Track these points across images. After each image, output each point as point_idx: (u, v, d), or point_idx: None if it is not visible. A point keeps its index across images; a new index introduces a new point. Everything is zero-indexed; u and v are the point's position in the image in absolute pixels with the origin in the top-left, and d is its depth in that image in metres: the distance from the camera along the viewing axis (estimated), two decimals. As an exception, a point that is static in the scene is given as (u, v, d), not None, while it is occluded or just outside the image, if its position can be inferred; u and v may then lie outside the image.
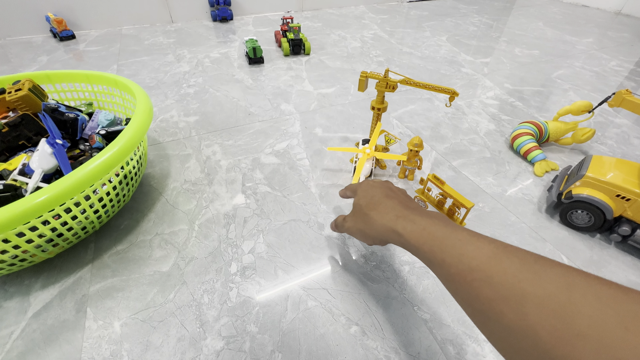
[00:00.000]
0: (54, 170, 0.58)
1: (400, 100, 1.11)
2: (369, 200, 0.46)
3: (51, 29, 1.64)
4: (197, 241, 0.61)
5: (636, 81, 1.28)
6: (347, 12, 2.19)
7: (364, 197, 0.47)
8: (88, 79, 0.80)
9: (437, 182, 0.64)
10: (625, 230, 0.59)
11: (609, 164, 0.63)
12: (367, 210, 0.45)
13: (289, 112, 1.02)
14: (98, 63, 1.37)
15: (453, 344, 0.47)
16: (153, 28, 1.82)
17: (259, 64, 1.36)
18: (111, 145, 0.53)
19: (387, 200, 0.44)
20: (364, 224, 0.45)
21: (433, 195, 0.68)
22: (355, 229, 0.47)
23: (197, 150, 0.85)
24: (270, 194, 0.72)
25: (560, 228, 0.65)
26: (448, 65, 1.40)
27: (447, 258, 0.32)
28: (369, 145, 0.71)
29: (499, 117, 1.02)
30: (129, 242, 0.61)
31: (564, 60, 1.45)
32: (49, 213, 0.46)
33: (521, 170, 0.80)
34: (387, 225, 0.40)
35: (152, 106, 0.66)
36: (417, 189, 0.73)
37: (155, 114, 1.00)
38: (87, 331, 0.48)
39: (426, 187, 0.70)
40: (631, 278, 0.57)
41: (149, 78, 1.23)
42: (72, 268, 0.57)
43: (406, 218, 0.39)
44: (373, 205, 0.44)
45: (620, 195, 0.58)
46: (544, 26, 1.94)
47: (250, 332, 0.48)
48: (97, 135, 0.66)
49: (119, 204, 0.61)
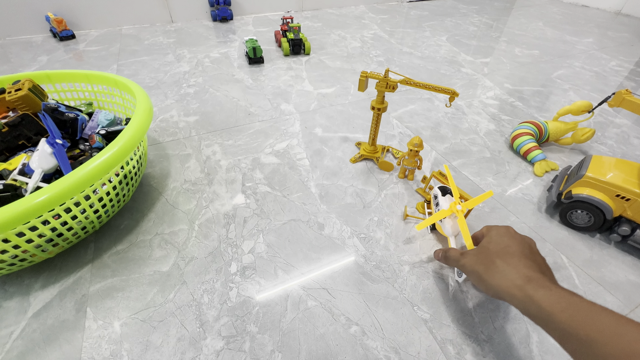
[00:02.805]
0: (54, 170, 0.58)
1: (400, 100, 1.11)
2: (501, 248, 0.41)
3: (51, 29, 1.64)
4: (197, 241, 0.61)
5: (636, 81, 1.28)
6: (347, 12, 2.19)
7: (497, 243, 0.43)
8: (88, 78, 0.80)
9: (443, 179, 0.66)
10: (625, 230, 0.59)
11: (608, 164, 0.63)
12: (495, 257, 0.40)
13: (289, 112, 1.02)
14: (98, 63, 1.37)
15: (453, 343, 0.47)
16: (153, 28, 1.82)
17: (259, 64, 1.36)
18: (111, 145, 0.53)
19: (523, 257, 0.39)
20: (485, 268, 0.41)
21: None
22: (472, 269, 0.43)
23: (197, 150, 0.85)
24: (270, 193, 0.72)
25: (560, 228, 0.65)
26: (448, 65, 1.40)
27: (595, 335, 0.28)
28: (455, 198, 0.57)
29: (499, 117, 1.02)
30: (129, 242, 0.61)
31: (564, 60, 1.45)
32: (49, 213, 0.46)
33: (521, 170, 0.80)
34: (515, 282, 0.36)
35: (152, 106, 0.66)
36: (417, 188, 0.73)
37: (155, 114, 1.00)
38: (87, 331, 0.48)
39: (428, 185, 0.70)
40: (631, 278, 0.57)
41: (149, 78, 1.23)
42: (72, 268, 0.57)
43: (538, 282, 0.35)
44: (504, 255, 0.40)
45: (620, 195, 0.58)
46: (544, 26, 1.94)
47: (250, 332, 0.48)
48: (97, 135, 0.66)
49: (119, 204, 0.61)
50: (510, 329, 0.49)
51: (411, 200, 0.71)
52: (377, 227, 0.64)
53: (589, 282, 0.56)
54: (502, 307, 0.52)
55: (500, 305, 0.52)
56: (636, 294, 0.54)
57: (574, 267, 0.58)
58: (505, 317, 0.51)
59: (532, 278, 0.36)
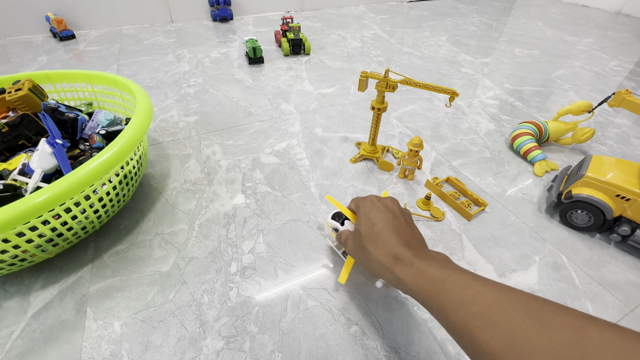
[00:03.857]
0: (54, 170, 0.58)
1: (400, 100, 1.11)
2: (369, 230, 0.43)
3: (51, 29, 1.64)
4: (197, 241, 0.61)
5: (636, 81, 1.28)
6: (347, 12, 2.19)
7: (366, 223, 0.44)
8: (88, 78, 0.80)
9: (459, 183, 0.73)
10: (625, 230, 0.59)
11: (608, 164, 0.63)
12: (365, 242, 0.42)
13: (289, 112, 1.02)
14: (98, 63, 1.37)
15: (453, 343, 0.47)
16: (153, 28, 1.82)
17: (259, 64, 1.36)
18: (111, 145, 0.53)
19: (388, 233, 0.41)
20: (363, 257, 0.43)
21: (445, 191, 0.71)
22: (355, 257, 0.46)
23: (197, 150, 0.85)
24: (270, 193, 0.72)
25: (560, 228, 0.65)
26: (448, 65, 1.40)
27: (446, 303, 0.30)
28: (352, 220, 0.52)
29: (499, 117, 1.02)
30: (129, 242, 0.61)
31: (564, 60, 1.45)
32: (49, 213, 0.46)
33: (521, 170, 0.80)
34: (385, 265, 0.38)
35: (152, 106, 0.66)
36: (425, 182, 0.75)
37: (155, 114, 1.00)
38: (87, 331, 0.48)
39: (438, 183, 0.73)
40: (631, 278, 0.57)
41: (149, 78, 1.23)
42: (72, 268, 0.57)
43: (404, 260, 0.37)
44: (372, 238, 0.42)
45: (620, 195, 0.58)
46: (544, 26, 1.94)
47: (250, 332, 0.48)
48: (97, 135, 0.66)
49: (119, 203, 0.61)
50: (510, 329, 0.49)
51: (411, 200, 0.71)
52: (377, 227, 0.64)
53: (589, 282, 0.56)
54: (502, 307, 0.52)
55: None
56: (636, 294, 0.54)
57: (574, 267, 0.58)
58: (505, 317, 0.50)
59: (398, 257, 0.38)
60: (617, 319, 0.51)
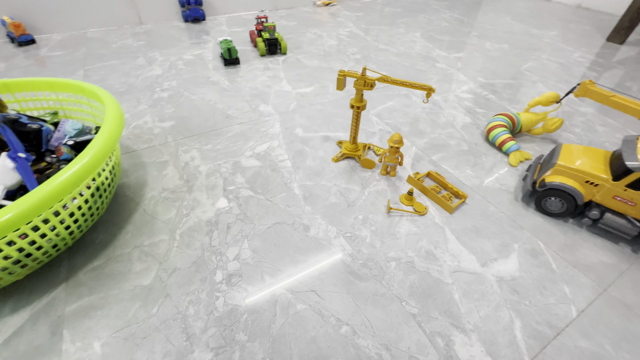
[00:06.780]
0: (17, 186, 0.54)
1: (378, 97, 1.12)
2: None
3: (8, 34, 1.53)
4: (179, 251, 0.59)
5: (597, 71, 1.35)
6: (322, 9, 2.18)
7: None
8: (51, 86, 0.76)
9: (439, 177, 0.74)
10: (595, 214, 0.62)
11: (577, 152, 0.67)
12: None
13: (268, 113, 1.01)
14: (62, 69, 1.30)
15: (441, 335, 0.48)
16: (121, 30, 1.74)
17: (234, 65, 1.33)
18: (80, 156, 0.50)
19: None
20: None
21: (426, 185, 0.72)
22: None
23: (174, 156, 0.82)
24: (253, 197, 0.70)
25: (536, 215, 0.68)
26: (423, 61, 1.42)
27: None
28: None
29: (474, 111, 1.05)
30: (106, 256, 0.58)
31: (531, 53, 1.52)
32: (14, 233, 0.43)
33: (497, 161, 0.83)
34: None
35: (123, 113, 0.63)
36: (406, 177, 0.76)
37: (127, 121, 0.96)
38: (65, 354, 0.45)
39: (419, 178, 0.74)
40: (602, 259, 0.60)
41: (119, 83, 1.18)
42: (44, 289, 0.53)
43: None
44: None
45: (589, 181, 0.61)
46: (512, 20, 2.02)
47: (239, 340, 0.47)
48: (65, 146, 0.62)
49: (93, 217, 0.58)
50: (494, 316, 0.51)
51: (394, 196, 0.71)
52: (362, 225, 0.65)
53: (565, 266, 0.58)
54: (486, 296, 0.53)
55: (485, 294, 0.54)
56: (608, 273, 0.58)
57: (551, 252, 0.61)
58: (489, 305, 0.52)
59: None
60: (592, 299, 0.54)
